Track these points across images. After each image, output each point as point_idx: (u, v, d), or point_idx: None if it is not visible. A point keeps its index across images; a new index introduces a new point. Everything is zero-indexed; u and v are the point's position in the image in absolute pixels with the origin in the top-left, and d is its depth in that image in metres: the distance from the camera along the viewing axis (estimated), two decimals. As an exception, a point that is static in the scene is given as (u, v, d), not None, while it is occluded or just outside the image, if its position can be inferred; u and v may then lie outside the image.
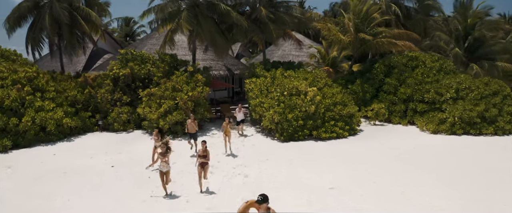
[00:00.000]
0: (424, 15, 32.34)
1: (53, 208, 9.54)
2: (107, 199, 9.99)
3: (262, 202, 5.52)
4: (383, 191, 10.16)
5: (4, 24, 21.02)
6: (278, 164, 12.72)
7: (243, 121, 17.38)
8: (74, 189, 10.77)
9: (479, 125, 16.89)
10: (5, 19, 21.05)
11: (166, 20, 19.53)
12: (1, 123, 15.41)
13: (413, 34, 22.93)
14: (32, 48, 22.04)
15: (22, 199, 10.06)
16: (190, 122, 14.15)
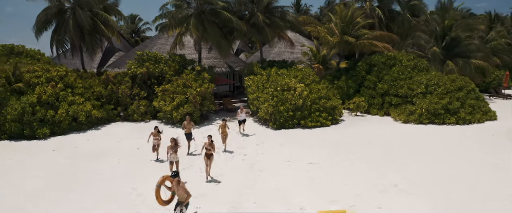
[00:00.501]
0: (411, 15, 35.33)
1: (103, 174, 12.61)
2: (138, 170, 13.08)
3: (175, 176, 8.21)
4: (351, 166, 13.24)
5: (33, 27, 24.01)
6: (271, 147, 15.83)
7: (244, 121, 18.36)
8: (112, 163, 13.87)
9: (443, 116, 19.97)
10: (34, 23, 24.02)
11: (176, 24, 22.48)
12: (40, 114, 18.51)
13: (393, 35, 25.93)
14: (56, 49, 25.06)
15: (77, 171, 13.15)
16: (186, 124, 15.36)
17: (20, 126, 18.18)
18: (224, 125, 15.39)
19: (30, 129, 18.15)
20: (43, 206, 10.14)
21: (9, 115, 18.11)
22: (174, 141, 12.16)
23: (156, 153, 14.35)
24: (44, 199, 10.59)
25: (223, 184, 11.69)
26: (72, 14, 23.78)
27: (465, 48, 29.04)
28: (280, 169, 12.94)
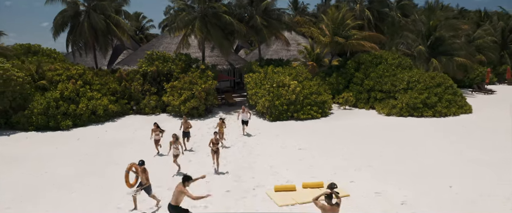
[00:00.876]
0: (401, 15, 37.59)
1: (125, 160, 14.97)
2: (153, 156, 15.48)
3: (141, 164, 10.09)
4: (335, 151, 15.63)
5: (52, 29, 26.33)
6: (267, 136, 18.24)
7: (247, 122, 18.75)
8: (131, 151, 16.26)
9: (421, 109, 22.36)
10: (52, 25, 26.34)
11: (182, 26, 24.73)
12: (63, 108, 20.90)
13: (380, 36, 28.25)
14: (72, 48, 27.40)
15: (102, 157, 15.56)
16: (183, 122, 16.53)
17: (46, 118, 20.58)
18: (221, 123, 16.80)
19: (54, 121, 20.56)
20: (79, 190, 12.29)
21: (36, 109, 20.50)
22: (175, 136, 13.64)
23: (157, 147, 15.73)
24: (78, 184, 12.76)
25: (227, 165, 14.08)
26: (87, 16, 26.09)
27: (449, 46, 31.33)
28: (274, 153, 15.35)
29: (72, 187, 12.30)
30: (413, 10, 38.45)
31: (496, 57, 40.85)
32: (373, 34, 28.17)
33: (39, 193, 11.77)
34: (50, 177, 13.31)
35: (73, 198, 11.42)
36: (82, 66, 24.26)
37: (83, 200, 11.18)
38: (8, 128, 21.00)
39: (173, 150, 13.50)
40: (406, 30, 33.60)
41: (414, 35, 32.63)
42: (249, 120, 18.72)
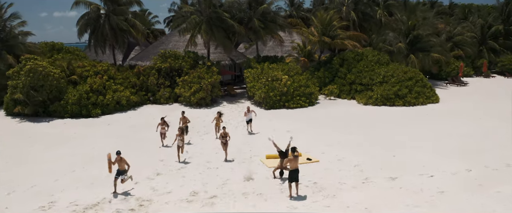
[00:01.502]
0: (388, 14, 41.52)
1: (148, 139, 19.14)
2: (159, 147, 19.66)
3: (118, 153, 11.67)
4: (315, 132, 19.81)
5: (78, 30, 30.35)
6: (263, 121, 22.37)
7: (251, 121, 20.12)
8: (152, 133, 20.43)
9: (393, 99, 26.49)
10: (78, 27, 30.30)
11: (191, 29, 28.68)
12: (93, 99, 25.06)
13: (362, 35, 32.30)
14: (94, 46, 31.43)
15: (131, 138, 19.74)
16: (181, 118, 18.43)
17: (79, 107, 24.75)
18: (218, 118, 19.02)
19: (86, 110, 24.75)
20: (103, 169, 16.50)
21: (70, 99, 24.67)
22: (181, 130, 15.68)
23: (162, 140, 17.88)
24: (103, 165, 16.96)
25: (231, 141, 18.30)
26: (107, 19, 30.08)
27: (426, 44, 35.28)
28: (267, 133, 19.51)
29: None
30: (397, 9, 42.34)
31: (474, 52, 44.77)
32: (356, 33, 32.20)
33: (94, 162, 15.92)
34: (100, 153, 17.50)
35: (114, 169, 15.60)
36: (106, 63, 28.38)
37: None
38: (45, 116, 25.17)
39: (178, 141, 15.40)
40: (388, 28, 37.59)
41: (396, 33, 36.62)
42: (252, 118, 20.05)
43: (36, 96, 24.41)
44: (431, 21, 36.97)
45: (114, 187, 12.28)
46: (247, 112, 20.07)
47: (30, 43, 31.67)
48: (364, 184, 12.74)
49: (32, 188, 13.09)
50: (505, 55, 46.33)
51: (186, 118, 18.86)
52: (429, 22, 36.44)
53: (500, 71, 45.38)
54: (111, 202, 11.73)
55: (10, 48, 29.01)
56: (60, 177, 14.01)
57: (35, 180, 13.74)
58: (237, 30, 28.52)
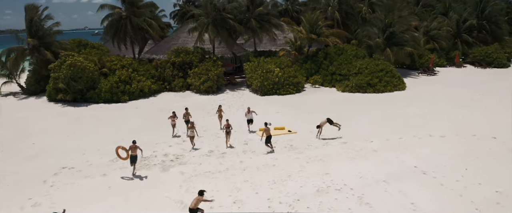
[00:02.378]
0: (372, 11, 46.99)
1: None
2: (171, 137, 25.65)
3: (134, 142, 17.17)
4: (301, 113, 25.76)
5: (104, 30, 36.02)
6: (258, 105, 28.26)
7: (252, 121, 21.73)
8: (179, 113, 26.40)
9: (365, 87, 32.36)
10: (105, 27, 35.97)
11: (199, 28, 34.32)
12: (121, 88, 30.95)
13: (344, 32, 38.01)
14: (118, 44, 37.15)
15: (157, 118, 25.68)
16: (185, 114, 21.36)
17: (110, 95, 30.68)
18: (219, 110, 22.54)
19: (116, 97, 30.68)
20: (154, 133, 22.53)
21: (103, 88, 30.58)
22: (192, 123, 19.00)
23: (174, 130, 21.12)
24: (152, 130, 22.99)
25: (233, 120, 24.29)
26: (129, 20, 35.75)
27: (400, 39, 40.88)
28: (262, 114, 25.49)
29: (149, 132, 22.54)
30: (379, 7, 47.79)
31: (448, 45, 50.39)
32: (338, 31, 37.94)
33: (135, 134, 21.90)
34: (136, 128, 23.53)
35: (147, 139, 21.61)
36: (129, 58, 34.20)
37: (158, 136, 21.33)
38: (82, 102, 31.10)
39: (189, 132, 18.71)
40: (369, 25, 43.18)
41: (375, 29, 42.21)
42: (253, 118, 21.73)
43: (76, 85, 30.35)
44: (406, 18, 42.49)
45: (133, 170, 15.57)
46: (247, 112, 21.83)
47: (62, 40, 37.36)
48: (324, 146, 18.83)
49: (98, 151, 19.15)
50: (477, 47, 51.93)
51: (189, 114, 21.74)
52: (404, 20, 41.98)
53: (472, 62, 51.03)
54: (157, 156, 17.81)
55: (47, 45, 34.78)
56: (116, 143, 20.04)
57: (98, 146, 19.83)
58: (238, 29, 34.22)
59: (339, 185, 14.44)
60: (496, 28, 54.27)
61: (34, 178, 15.79)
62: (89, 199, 13.70)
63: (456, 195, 13.94)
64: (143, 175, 15.92)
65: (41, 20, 35.35)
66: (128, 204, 13.28)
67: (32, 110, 29.39)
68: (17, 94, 35.89)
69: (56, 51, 34.36)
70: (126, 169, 16.37)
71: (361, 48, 37.62)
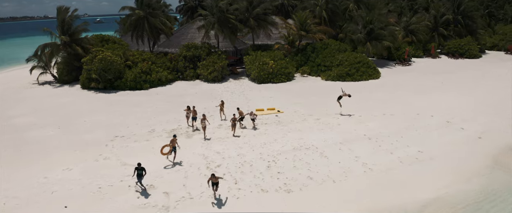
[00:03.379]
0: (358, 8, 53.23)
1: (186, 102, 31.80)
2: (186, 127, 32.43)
3: (174, 137, 25.61)
4: (288, 97, 32.49)
5: (125, 28, 42.40)
6: (256, 91, 35.03)
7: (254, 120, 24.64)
8: (186, 99, 33.12)
9: (344, 77, 38.98)
10: (125, 26, 42.37)
11: (207, 26, 40.74)
12: (143, 78, 37.61)
13: (329, 29, 44.44)
14: (136, 39, 43.62)
15: (175, 102, 32.41)
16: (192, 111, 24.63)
17: (134, 83, 37.32)
18: (222, 104, 26.83)
19: (139, 85, 37.33)
20: (174, 113, 29.26)
21: (128, 78, 37.21)
22: (204, 116, 22.76)
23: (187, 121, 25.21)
24: (172, 111, 29.72)
25: (232, 104, 31.07)
26: (146, 20, 42.14)
27: (379, 34, 47.32)
28: (257, 98, 32.27)
29: (171, 111, 29.29)
30: (364, 4, 54.08)
31: (425, 38, 56.72)
32: (325, 28, 44.36)
33: (161, 114, 28.67)
34: (160, 110, 30.27)
35: (171, 117, 28.34)
36: (148, 53, 40.78)
37: (179, 115, 28.08)
38: (111, 89, 37.67)
39: (202, 123, 22.59)
40: (353, 22, 49.53)
41: (358, 25, 48.57)
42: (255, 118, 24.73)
43: (106, 75, 36.98)
44: (384, 16, 48.84)
45: (174, 159, 19.60)
46: (250, 114, 24.80)
47: (87, 36, 43.75)
48: (303, 121, 25.67)
49: (137, 125, 25.91)
50: (451, 40, 58.31)
51: (196, 111, 25.00)
52: (383, 17, 48.34)
53: (446, 53, 57.50)
54: (181, 128, 24.64)
55: (77, 41, 41.24)
56: (148, 120, 26.89)
57: (136, 121, 26.60)
58: (239, 27, 40.69)
59: (308, 146, 21.34)
60: (471, 22, 60.44)
61: (97, 143, 22.62)
62: (141, 155, 20.51)
63: (388, 153, 20.82)
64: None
65: (72, 20, 41.69)
66: (177, 158, 20.09)
67: (72, 96, 36.07)
68: (52, 83, 42.51)
69: (84, 46, 40.86)
70: (162, 137, 23.23)
71: (345, 43, 44.12)
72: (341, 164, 19.26)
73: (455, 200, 16.27)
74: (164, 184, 17.26)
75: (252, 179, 17.64)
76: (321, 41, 43.35)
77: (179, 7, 73.18)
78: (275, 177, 17.88)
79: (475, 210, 15.73)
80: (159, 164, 19.32)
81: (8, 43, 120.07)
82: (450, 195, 16.60)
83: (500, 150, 21.59)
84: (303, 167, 18.87)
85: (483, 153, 21.01)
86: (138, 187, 16.89)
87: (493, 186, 17.62)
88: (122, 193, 16.57)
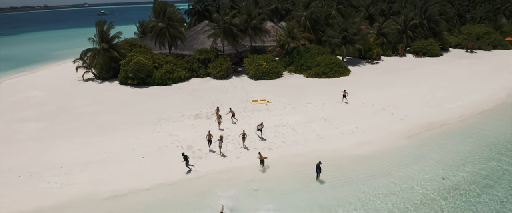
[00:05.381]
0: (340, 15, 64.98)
1: (204, 96, 43.79)
2: (214, 96, 44.48)
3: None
4: (277, 91, 44.48)
5: (150, 36, 54.22)
6: (251, 86, 47.03)
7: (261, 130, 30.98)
8: (202, 92, 45.11)
9: (320, 75, 50.91)
10: (151, 34, 54.19)
11: (214, 35, 52.50)
12: (168, 76, 49.58)
13: (311, 35, 56.26)
14: (159, 46, 55.43)
15: (196, 94, 44.46)
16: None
17: (161, 80, 49.31)
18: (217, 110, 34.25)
19: (165, 82, 49.33)
20: (195, 103, 41.32)
21: (156, 76, 49.21)
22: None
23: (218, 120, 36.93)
24: (188, 105, 41.74)
25: (233, 96, 43.08)
26: (167, 30, 53.88)
27: (352, 39, 58.95)
28: (253, 92, 44.29)
29: (193, 101, 41.38)
30: (343, 12, 65.65)
31: (394, 40, 68.29)
32: (307, 35, 56.17)
33: (185, 105, 40.72)
34: (184, 100, 42.32)
35: (194, 106, 40.37)
36: (171, 56, 52.71)
37: (199, 104, 40.13)
38: (143, 85, 49.56)
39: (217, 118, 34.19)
40: (332, 29, 61.14)
41: (335, 32, 60.17)
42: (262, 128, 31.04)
43: (139, 74, 48.96)
44: (357, 24, 60.40)
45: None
46: (260, 125, 30.89)
47: (119, 42, 55.50)
48: (284, 108, 37.78)
49: (171, 111, 38.01)
50: (417, 41, 69.87)
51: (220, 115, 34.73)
52: (356, 25, 59.92)
53: (412, 52, 69.13)
54: (202, 113, 36.79)
55: (113, 46, 53.07)
56: (178, 107, 38.96)
57: (172, 108, 38.69)
58: (239, 35, 52.50)
59: (285, 124, 33.55)
60: (434, 25, 71.86)
61: (149, 123, 34.72)
62: (180, 129, 32.60)
63: (335, 128, 32.97)
64: (198, 122, 34.91)
65: (108, 29, 53.47)
66: (201, 131, 32.14)
67: (114, 91, 48.06)
68: (94, 80, 54.48)
69: (119, 51, 52.73)
70: (190, 119, 35.40)
71: (326, 46, 55.99)
72: (304, 135, 31.44)
73: (371, 154, 28.37)
74: (197, 145, 29.50)
75: (248, 143, 29.83)
76: (304, 45, 55.14)
77: (187, 11, 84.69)
78: (262, 141, 30.12)
79: (380, 159, 27.64)
80: (194, 135, 31.54)
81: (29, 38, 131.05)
82: (369, 151, 28.73)
83: (411, 127, 33.65)
84: (279, 137, 31.08)
85: (399, 129, 33.07)
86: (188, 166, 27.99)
87: (398, 146, 29.68)
88: (173, 150, 28.81)
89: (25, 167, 26.81)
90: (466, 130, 33.28)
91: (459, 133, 32.53)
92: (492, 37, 76.17)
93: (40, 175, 25.51)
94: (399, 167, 26.65)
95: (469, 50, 72.67)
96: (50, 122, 36.33)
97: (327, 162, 25.51)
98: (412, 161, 27.48)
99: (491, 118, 35.82)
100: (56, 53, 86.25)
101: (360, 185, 24.21)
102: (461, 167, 26.61)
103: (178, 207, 22.17)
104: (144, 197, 23.12)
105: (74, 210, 21.77)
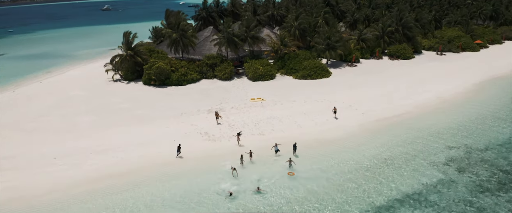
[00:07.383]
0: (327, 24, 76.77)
1: (212, 95, 55.72)
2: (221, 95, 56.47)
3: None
4: (270, 90, 56.41)
5: (166, 45, 66.08)
6: (249, 86, 58.96)
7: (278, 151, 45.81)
8: (212, 91, 57.07)
9: (306, 77, 62.81)
10: (167, 43, 66.00)
11: (220, 43, 64.27)
12: (183, 78, 61.52)
13: (299, 43, 68.12)
14: (174, 51, 67.25)
15: (206, 93, 56.44)
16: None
17: (177, 81, 61.27)
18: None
19: (180, 83, 61.29)
20: (205, 101, 53.30)
21: (174, 78, 61.17)
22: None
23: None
24: (201, 102, 53.69)
25: (235, 95, 55.07)
26: (181, 38, 65.66)
27: (335, 45, 70.61)
28: (251, 91, 56.25)
29: (204, 99, 53.43)
30: (329, 20, 77.35)
31: (372, 45, 79.85)
32: (297, 42, 68.06)
33: (199, 102, 52.70)
34: (198, 98, 54.34)
35: (206, 103, 52.35)
36: (184, 61, 64.65)
37: (210, 101, 52.10)
38: (163, 85, 61.42)
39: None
40: (318, 36, 72.82)
41: (321, 39, 71.81)
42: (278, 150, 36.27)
43: (160, 77, 60.92)
44: (339, 32, 72.05)
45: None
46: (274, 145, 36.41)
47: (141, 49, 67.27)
48: (274, 105, 49.86)
49: (189, 107, 50.05)
50: (393, 45, 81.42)
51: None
52: (338, 33, 71.55)
53: (388, 55, 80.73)
54: (213, 108, 48.93)
55: (137, 53, 64.90)
56: (194, 103, 50.99)
57: (189, 104, 50.77)
58: (240, 44, 64.38)
59: (274, 117, 45.72)
60: (408, 32, 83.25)
61: (174, 116, 46.75)
62: (199, 121, 44.71)
63: (310, 120, 45.14)
64: (211, 115, 46.98)
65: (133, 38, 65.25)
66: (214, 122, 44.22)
67: (140, 90, 59.95)
68: (121, 80, 66.34)
69: (142, 57, 64.60)
70: (204, 113, 47.51)
71: (313, 51, 67.93)
72: (287, 125, 43.59)
73: (334, 138, 40.44)
74: (212, 132, 41.64)
75: (247, 130, 41.96)
76: (293, 52, 67.00)
77: (194, 17, 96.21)
78: (257, 129, 42.29)
79: (340, 140, 39.76)
80: (209, 125, 43.71)
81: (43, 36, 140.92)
82: (333, 136, 40.82)
83: (369, 120, 45.59)
84: (270, 126, 43.24)
85: (359, 121, 45.07)
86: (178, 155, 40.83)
87: (355, 132, 41.76)
88: (197, 136, 40.96)
89: (92, 147, 38.91)
90: (409, 121, 45.29)
91: (402, 124, 44.55)
92: (462, 40, 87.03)
93: (106, 153, 37.65)
94: (353, 146, 38.72)
95: (439, 52, 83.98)
96: (97, 116, 48.37)
97: (301, 143, 37.62)
98: (364, 142, 39.53)
99: (429, 113, 47.81)
100: (76, 54, 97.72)
101: (322, 157, 36.34)
102: (396, 147, 38.60)
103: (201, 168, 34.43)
104: (178, 164, 35.39)
105: (141, 173, 33.82)
